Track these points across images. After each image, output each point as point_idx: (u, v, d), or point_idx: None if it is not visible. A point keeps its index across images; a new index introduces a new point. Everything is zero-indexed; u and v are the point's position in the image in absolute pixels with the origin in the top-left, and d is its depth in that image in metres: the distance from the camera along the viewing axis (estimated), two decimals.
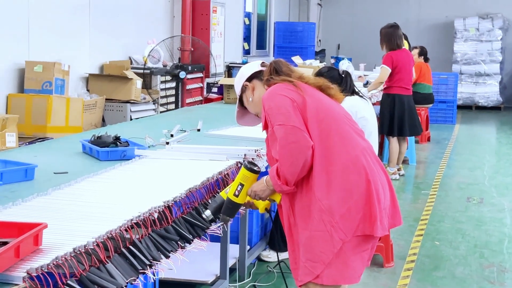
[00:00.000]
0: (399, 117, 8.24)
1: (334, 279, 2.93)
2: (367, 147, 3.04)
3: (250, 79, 3.24)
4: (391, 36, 8.12)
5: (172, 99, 8.81)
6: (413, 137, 9.32)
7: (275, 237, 5.21)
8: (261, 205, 3.15)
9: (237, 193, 3.06)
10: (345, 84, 4.83)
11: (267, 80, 3.12)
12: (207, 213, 3.11)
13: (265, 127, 3.03)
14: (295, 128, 2.86)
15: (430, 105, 11.28)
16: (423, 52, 10.94)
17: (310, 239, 2.89)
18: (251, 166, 3.06)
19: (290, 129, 2.86)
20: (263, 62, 3.27)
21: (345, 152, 2.91)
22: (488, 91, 16.30)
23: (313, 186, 2.89)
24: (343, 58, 12.79)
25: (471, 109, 16.46)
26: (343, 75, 4.88)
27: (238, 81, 3.29)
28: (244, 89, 3.26)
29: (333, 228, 2.86)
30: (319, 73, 4.79)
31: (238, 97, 3.32)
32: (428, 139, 11.54)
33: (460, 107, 15.22)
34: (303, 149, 2.84)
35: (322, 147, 2.90)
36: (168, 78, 8.68)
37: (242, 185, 3.06)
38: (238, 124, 3.43)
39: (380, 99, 8.59)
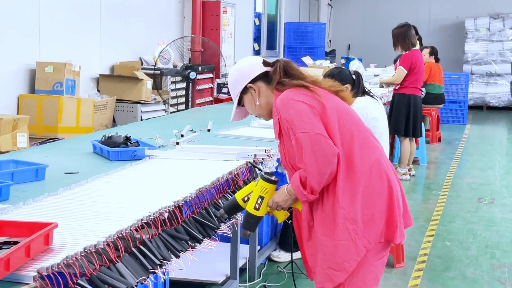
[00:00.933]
0: (414, 117, 8.23)
1: (356, 285, 2.89)
2: (382, 148, 3.01)
3: (254, 80, 3.02)
4: (404, 36, 8.10)
5: (183, 99, 8.82)
6: (424, 137, 9.30)
7: (286, 237, 5.21)
8: (281, 214, 3.00)
9: (257, 206, 2.94)
10: (356, 85, 4.81)
11: (277, 85, 2.96)
12: (221, 211, 3.06)
13: (279, 134, 2.92)
14: (319, 136, 2.75)
15: (441, 105, 11.24)
16: (433, 52, 10.90)
17: (334, 248, 2.83)
18: (268, 177, 2.93)
19: (314, 136, 2.75)
20: (264, 60, 3.07)
21: (367, 157, 2.86)
22: (499, 91, 16.23)
23: (337, 193, 2.81)
24: (353, 58, 12.78)
25: (482, 109, 16.39)
26: (354, 76, 4.86)
27: (238, 82, 3.06)
28: (246, 90, 3.05)
29: (358, 236, 2.81)
30: (329, 74, 4.77)
31: (236, 97, 3.08)
32: (439, 140, 11.50)
33: (471, 108, 15.16)
34: (329, 157, 2.75)
35: (344, 153, 2.82)
36: (179, 78, 8.69)
37: (262, 198, 2.93)
38: (232, 122, 3.28)
39: (389, 99, 8.57)
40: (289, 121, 2.81)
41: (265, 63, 3.05)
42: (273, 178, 2.94)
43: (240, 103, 3.10)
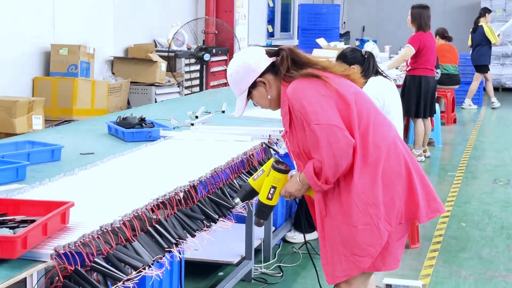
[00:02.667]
0: (425, 98, 8.18)
1: (376, 267, 2.89)
2: (396, 130, 3.00)
3: (262, 74, 2.90)
4: (419, 16, 8.07)
5: (197, 81, 8.82)
6: (439, 118, 9.25)
7: (301, 218, 5.21)
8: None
9: (270, 196, 2.92)
10: (367, 65, 4.79)
11: (286, 76, 2.84)
12: (236, 200, 3.04)
13: (290, 124, 2.86)
14: (334, 127, 2.71)
15: (456, 86, 11.16)
16: (438, 33, 10.75)
17: (356, 234, 2.80)
18: (280, 167, 2.90)
19: (329, 128, 2.70)
20: (266, 51, 2.94)
21: (384, 138, 2.83)
22: None
23: (354, 178, 2.77)
24: (368, 40, 12.70)
25: (497, 90, 16.24)
26: (365, 56, 4.84)
27: (244, 76, 2.91)
28: (254, 85, 2.92)
29: (380, 220, 2.78)
30: (342, 54, 4.75)
31: (244, 92, 2.94)
32: (454, 121, 11.44)
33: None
34: (345, 148, 2.72)
35: (360, 135, 2.79)
36: (193, 60, 8.69)
37: (275, 188, 2.91)
38: (238, 116, 3.10)
39: (402, 82, 8.53)
40: (302, 113, 2.75)
41: (269, 54, 2.94)
42: (284, 167, 2.91)
43: (248, 98, 2.98)
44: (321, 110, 2.73)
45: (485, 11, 13.55)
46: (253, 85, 2.92)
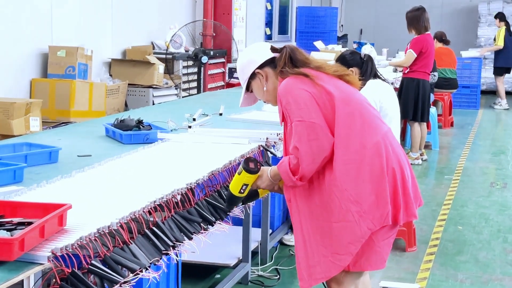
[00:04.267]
0: (422, 102, 8.19)
1: (361, 266, 2.92)
2: (388, 130, 3.01)
3: (261, 66, 3.04)
4: (419, 19, 8.06)
5: (194, 84, 8.82)
6: (436, 121, 9.27)
7: None
8: (263, 193, 3.14)
9: (242, 191, 3.01)
10: (366, 68, 4.80)
11: (281, 72, 2.98)
12: (227, 207, 3.12)
13: (283, 120, 2.95)
14: (315, 125, 2.80)
15: (454, 90, 11.17)
16: (436, 36, 10.75)
17: (336, 230, 2.84)
18: (249, 167, 2.97)
19: (310, 125, 2.79)
20: (271, 46, 3.08)
21: (369, 138, 2.86)
22: None
23: (336, 176, 2.82)
24: (365, 43, 12.71)
25: (494, 94, 16.25)
26: (364, 59, 4.86)
27: (246, 66, 3.07)
28: (253, 76, 3.06)
29: (361, 218, 2.81)
30: (341, 57, 4.77)
31: (245, 82, 3.10)
32: (451, 124, 11.45)
33: (483, 92, 15.05)
34: (324, 146, 2.79)
35: (344, 134, 2.83)
36: (190, 63, 8.69)
37: (246, 185, 3.01)
38: (240, 107, 3.31)
39: (399, 85, 8.54)
40: (288, 109, 2.86)
41: (273, 49, 3.07)
42: (253, 167, 2.98)
43: (249, 88, 3.11)
44: (305, 107, 2.82)
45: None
46: (252, 76, 3.06)
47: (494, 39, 13.92)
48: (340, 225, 2.83)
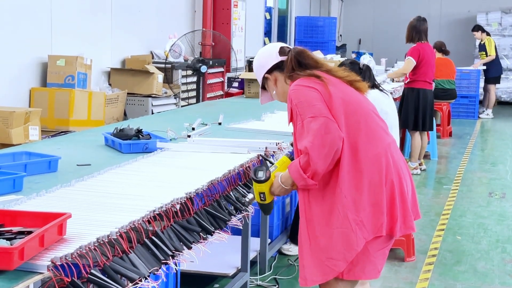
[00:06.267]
0: (423, 111, 8.21)
1: (354, 275, 2.94)
2: (392, 141, 3.02)
3: (270, 70, 3.15)
4: (418, 29, 8.09)
5: (193, 93, 8.83)
6: (435, 131, 9.29)
7: (296, 231, 5.21)
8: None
9: (263, 198, 3.12)
10: (364, 78, 4.82)
11: (290, 76, 3.05)
12: (250, 196, 3.23)
13: (291, 120, 3.00)
14: (328, 119, 2.83)
15: (452, 100, 11.19)
16: (435, 46, 10.77)
17: (336, 237, 2.87)
18: (257, 179, 3.06)
19: (323, 120, 2.82)
20: (281, 48, 3.14)
21: (372, 148, 2.89)
22: (511, 86, 16.15)
23: (340, 182, 2.86)
24: (364, 53, 12.73)
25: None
26: (362, 69, 4.88)
27: (258, 72, 3.23)
28: (265, 80, 3.20)
29: (358, 226, 2.85)
30: (341, 66, 4.78)
31: (260, 83, 3.26)
32: (450, 134, 11.47)
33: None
34: (336, 139, 2.81)
35: (350, 142, 2.88)
36: (189, 72, 8.69)
37: (263, 193, 3.11)
38: (261, 104, 3.39)
39: (400, 94, 8.55)
40: (298, 107, 2.90)
41: (281, 52, 3.12)
42: (261, 176, 3.06)
43: (265, 88, 3.24)
44: (317, 105, 2.87)
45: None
46: (265, 79, 3.19)
47: (483, 51, 13.98)
48: (338, 231, 2.87)
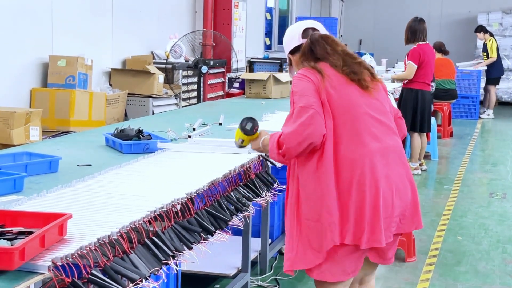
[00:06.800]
0: (422, 112, 8.20)
1: (322, 274, 2.98)
2: (381, 148, 2.96)
3: (292, 51, 3.20)
4: (416, 30, 8.08)
5: (194, 93, 8.84)
6: (436, 132, 9.29)
7: None
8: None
9: (241, 143, 3.31)
10: None
11: (302, 63, 3.10)
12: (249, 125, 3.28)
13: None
14: (316, 112, 2.86)
15: (453, 100, 11.19)
16: (434, 47, 10.74)
17: (314, 229, 2.92)
18: (245, 126, 3.19)
19: (311, 112, 2.85)
20: (305, 30, 3.16)
21: (348, 154, 2.90)
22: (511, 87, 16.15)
23: (321, 178, 2.90)
24: (365, 53, 12.75)
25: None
26: None
27: (284, 48, 3.27)
28: (289, 59, 3.26)
29: (329, 227, 2.89)
30: None
31: (288, 60, 3.30)
32: (451, 135, 11.47)
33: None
34: (316, 134, 2.85)
35: (334, 141, 2.90)
36: (190, 72, 8.70)
37: (242, 140, 3.28)
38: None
39: (398, 96, 8.55)
40: (294, 95, 2.96)
41: (303, 35, 3.16)
42: (249, 127, 3.19)
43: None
44: (310, 96, 2.90)
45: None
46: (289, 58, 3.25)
47: (485, 52, 13.99)
48: (318, 225, 2.91)
